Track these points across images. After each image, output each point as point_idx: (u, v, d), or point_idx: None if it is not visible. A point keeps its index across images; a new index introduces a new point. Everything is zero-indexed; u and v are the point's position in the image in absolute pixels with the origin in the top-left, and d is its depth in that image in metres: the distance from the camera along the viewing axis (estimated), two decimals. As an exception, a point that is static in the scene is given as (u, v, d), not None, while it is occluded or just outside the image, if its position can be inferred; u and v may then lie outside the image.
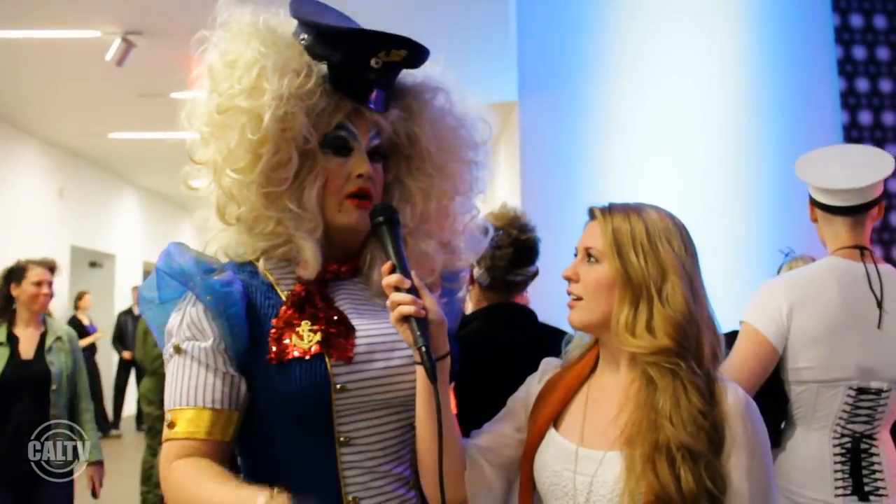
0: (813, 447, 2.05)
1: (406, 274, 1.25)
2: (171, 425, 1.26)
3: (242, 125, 1.27)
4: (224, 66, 1.32)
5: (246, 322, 1.29)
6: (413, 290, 1.24)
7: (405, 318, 1.21)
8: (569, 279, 1.34)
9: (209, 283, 1.27)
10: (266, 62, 1.29)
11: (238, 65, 1.31)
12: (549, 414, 1.35)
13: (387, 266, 1.26)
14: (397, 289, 1.23)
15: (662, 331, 1.23)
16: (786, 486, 2.04)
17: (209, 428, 1.25)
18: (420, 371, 1.25)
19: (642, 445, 1.20)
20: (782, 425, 2.14)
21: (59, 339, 3.86)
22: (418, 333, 1.20)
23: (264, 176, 1.29)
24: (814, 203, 2.19)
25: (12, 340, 3.77)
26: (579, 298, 1.32)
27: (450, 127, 1.45)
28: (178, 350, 1.28)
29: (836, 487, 2.00)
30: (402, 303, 1.21)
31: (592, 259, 1.31)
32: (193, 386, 1.26)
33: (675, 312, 1.24)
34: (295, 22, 1.39)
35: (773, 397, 2.06)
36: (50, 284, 3.91)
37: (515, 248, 2.31)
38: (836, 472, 2.01)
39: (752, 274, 3.80)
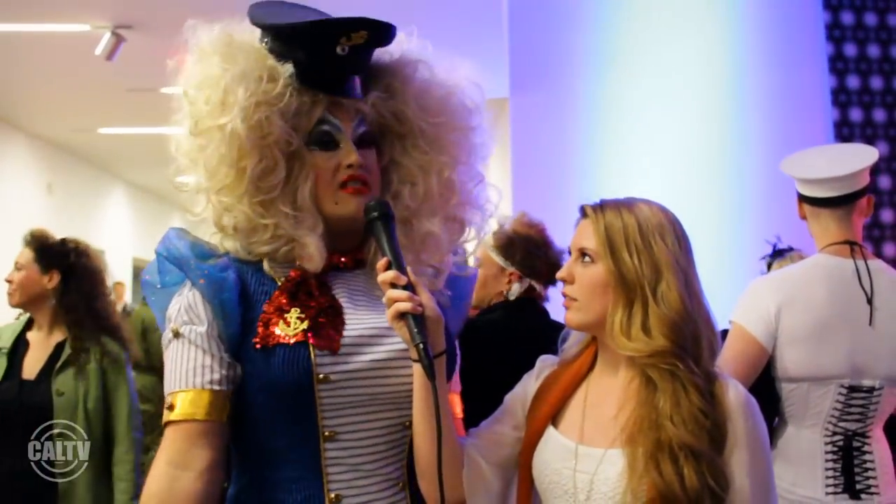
0: (805, 445, 2.06)
1: (402, 270, 1.23)
2: (171, 407, 1.26)
3: (217, 142, 1.27)
4: (195, 90, 1.32)
5: (238, 308, 1.28)
6: (409, 287, 1.22)
7: (401, 315, 1.20)
8: (563, 280, 1.32)
9: (203, 267, 1.28)
10: (226, 75, 1.28)
11: (205, 85, 1.30)
12: (548, 412, 1.34)
13: (382, 263, 1.25)
14: (393, 285, 1.22)
15: (658, 331, 1.22)
16: (777, 484, 2.02)
17: (208, 408, 1.25)
18: (417, 369, 1.24)
19: (644, 444, 1.19)
20: (775, 423, 2.14)
21: (79, 354, 2.70)
22: (415, 330, 1.19)
23: (254, 186, 1.28)
24: (801, 199, 2.19)
25: (19, 348, 2.72)
26: (574, 299, 1.31)
27: (437, 97, 1.42)
28: (176, 334, 1.28)
29: (827, 485, 2.01)
30: (399, 299, 1.20)
31: (587, 259, 1.30)
32: (192, 368, 1.26)
33: (670, 311, 1.23)
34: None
35: (765, 396, 2.06)
36: (19, 268, 2.77)
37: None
38: (827, 469, 2.02)
39: (744, 271, 3.80)
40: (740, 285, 2.23)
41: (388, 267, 1.24)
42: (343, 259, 1.38)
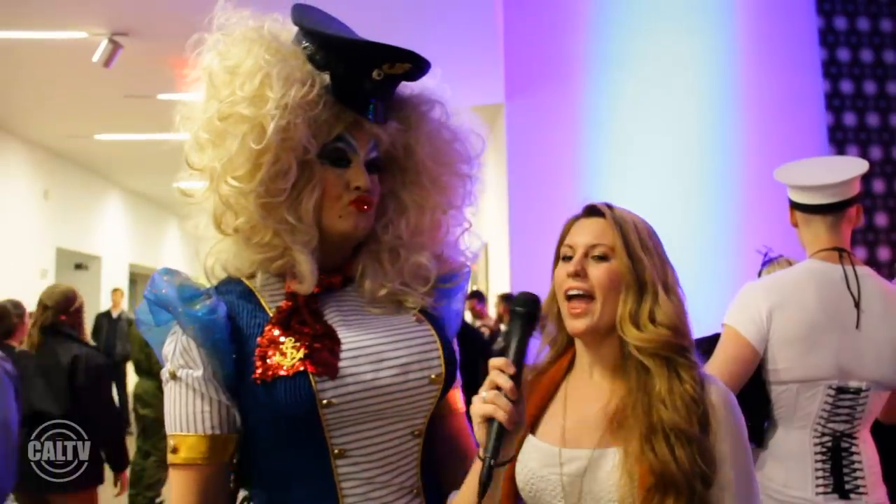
0: (795, 446, 2.09)
1: (519, 366, 1.18)
2: (174, 450, 1.29)
3: (244, 133, 1.25)
4: (224, 72, 1.30)
5: (231, 346, 1.29)
6: (516, 380, 1.17)
7: (489, 419, 1.16)
8: (577, 273, 1.29)
9: (191, 312, 1.27)
10: (270, 70, 1.27)
11: (239, 71, 1.28)
12: (526, 421, 1.34)
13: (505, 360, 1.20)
14: (501, 372, 1.17)
15: (665, 322, 1.26)
16: (768, 485, 2.07)
17: (209, 453, 1.28)
18: (474, 471, 1.22)
19: (638, 426, 1.21)
20: (766, 425, 2.17)
21: None
22: (493, 443, 1.13)
23: (263, 186, 1.27)
24: (793, 206, 2.24)
25: None
26: (590, 297, 1.29)
27: (445, 140, 1.44)
28: (173, 376, 1.29)
29: (818, 486, 2.04)
30: (496, 405, 1.15)
31: (601, 256, 1.31)
32: (191, 413, 1.28)
33: (677, 304, 1.28)
34: (294, 28, 1.37)
35: (755, 398, 2.10)
36: None
37: None
38: (816, 470, 2.05)
39: (739, 274, 3.82)
40: (736, 287, 2.25)
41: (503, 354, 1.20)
42: (332, 279, 1.37)
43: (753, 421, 2.11)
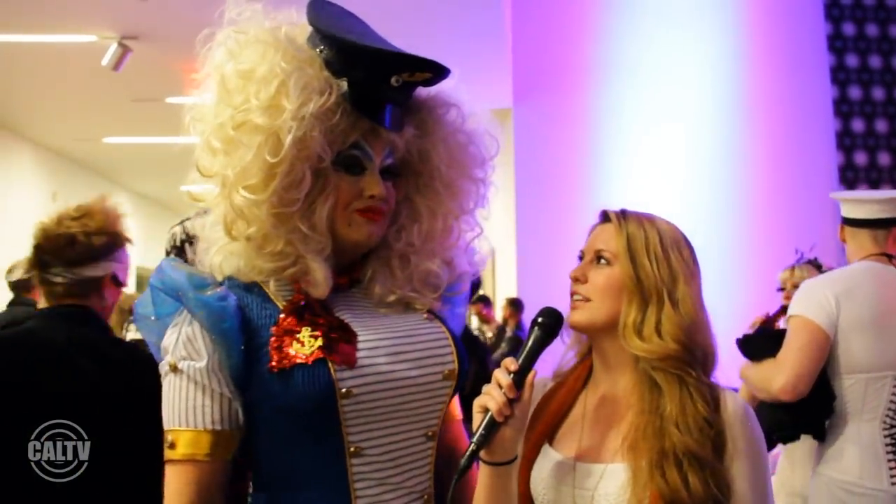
0: (866, 438, 2.20)
1: (525, 371, 1.21)
2: (172, 445, 1.24)
3: (259, 144, 1.22)
4: (237, 76, 1.26)
5: (241, 336, 1.26)
6: (518, 380, 1.20)
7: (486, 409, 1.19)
8: (576, 279, 1.32)
9: (202, 298, 1.24)
10: (286, 78, 1.23)
11: (254, 77, 1.25)
12: (543, 430, 1.34)
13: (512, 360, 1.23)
14: (506, 373, 1.20)
15: (671, 335, 1.23)
16: (841, 479, 2.20)
17: (210, 449, 1.24)
18: (484, 470, 1.23)
19: (649, 451, 1.19)
20: (826, 423, 2.29)
21: None
22: (482, 432, 1.17)
23: (277, 196, 1.23)
24: (844, 221, 2.42)
25: None
26: (586, 300, 1.30)
27: (460, 143, 1.41)
28: (174, 369, 1.25)
29: (892, 476, 2.16)
30: (492, 397, 1.18)
31: (602, 262, 1.31)
32: (192, 407, 1.24)
33: (685, 317, 1.25)
34: (307, 25, 1.33)
35: (818, 393, 2.21)
36: None
37: None
38: (889, 461, 2.18)
39: (745, 277, 3.81)
40: (742, 290, 2.26)
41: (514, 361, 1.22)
42: (341, 280, 1.35)
43: (815, 416, 2.26)
